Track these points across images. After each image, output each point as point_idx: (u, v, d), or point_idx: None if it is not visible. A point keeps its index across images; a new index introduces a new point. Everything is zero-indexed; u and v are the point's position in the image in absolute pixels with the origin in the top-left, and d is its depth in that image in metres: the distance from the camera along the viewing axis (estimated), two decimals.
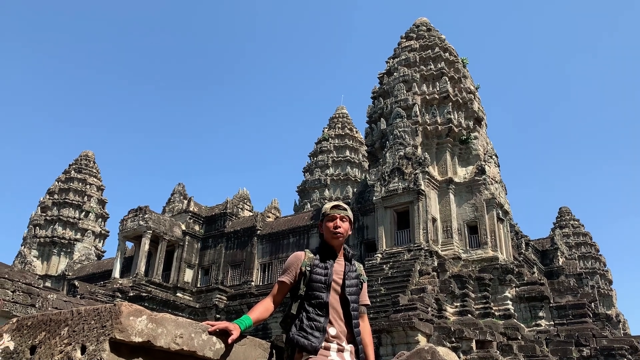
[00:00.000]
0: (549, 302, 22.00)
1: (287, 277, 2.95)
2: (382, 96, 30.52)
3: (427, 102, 28.84)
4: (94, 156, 47.30)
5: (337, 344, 2.79)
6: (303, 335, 2.74)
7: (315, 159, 44.49)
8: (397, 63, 30.93)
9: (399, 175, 26.14)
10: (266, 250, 32.28)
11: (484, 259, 24.37)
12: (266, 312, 2.86)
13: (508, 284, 22.37)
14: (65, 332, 2.29)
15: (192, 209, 35.09)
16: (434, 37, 31.68)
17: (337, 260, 3.03)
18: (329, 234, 3.04)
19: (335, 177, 42.60)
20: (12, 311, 14.78)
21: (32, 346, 2.35)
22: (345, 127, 45.98)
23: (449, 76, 29.27)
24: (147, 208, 32.97)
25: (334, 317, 2.85)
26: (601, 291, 43.55)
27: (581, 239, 47.91)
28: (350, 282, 2.96)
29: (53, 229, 41.89)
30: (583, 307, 21.57)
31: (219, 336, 2.53)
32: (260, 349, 2.79)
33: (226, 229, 34.05)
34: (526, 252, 31.33)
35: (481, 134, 29.08)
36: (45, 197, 43.87)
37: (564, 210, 51.16)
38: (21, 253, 41.06)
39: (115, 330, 2.16)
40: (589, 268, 45.17)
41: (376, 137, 29.14)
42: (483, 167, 26.60)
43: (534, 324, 21.56)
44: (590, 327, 20.59)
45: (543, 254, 35.18)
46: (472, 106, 28.76)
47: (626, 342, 19.68)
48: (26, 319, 2.51)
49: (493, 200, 25.79)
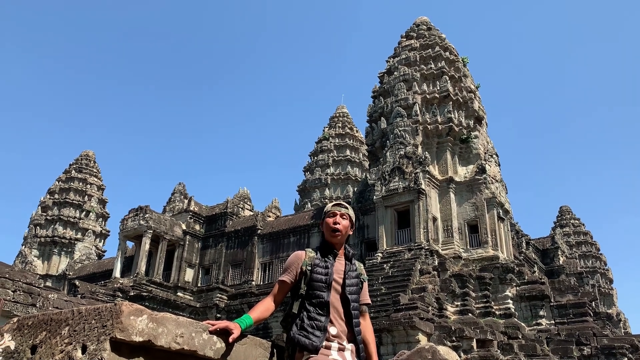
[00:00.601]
0: (549, 301, 22.00)
1: (288, 276, 2.95)
2: (382, 95, 30.51)
3: (428, 101, 28.83)
4: (94, 156, 47.31)
5: (338, 343, 2.79)
6: (304, 334, 2.74)
7: (315, 158, 44.49)
8: (397, 62, 30.92)
9: (399, 174, 26.13)
10: (267, 250, 32.29)
11: (484, 258, 24.36)
12: (267, 311, 2.86)
13: (509, 283, 22.37)
14: (66, 332, 2.29)
15: (192, 209, 35.10)
16: (434, 36, 31.66)
17: (338, 259, 3.03)
18: (328, 231, 3.04)
19: (335, 177, 42.59)
20: (13, 311, 14.79)
21: (33, 346, 2.35)
22: (346, 126, 45.97)
23: (449, 75, 29.26)
24: (148, 208, 32.98)
25: (334, 317, 2.85)
26: (602, 290, 43.55)
27: (582, 237, 47.89)
28: (350, 282, 2.96)
29: (54, 228, 41.91)
30: (584, 306, 21.57)
31: (219, 335, 2.53)
32: (261, 348, 2.78)
33: (227, 228, 34.06)
34: (527, 251, 31.32)
35: (482, 133, 29.07)
36: (46, 197, 43.88)
37: (564, 209, 51.14)
38: (22, 253, 41.08)
39: (116, 330, 2.15)
40: (590, 267, 45.16)
41: (376, 137, 29.13)
42: (483, 166, 26.59)
43: (534, 323, 21.55)
44: (591, 326, 20.59)
45: (543, 253, 35.17)
46: (472, 105, 28.75)
47: (627, 341, 19.67)
48: (27, 318, 2.50)
49: (493, 200, 25.77)
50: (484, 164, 26.78)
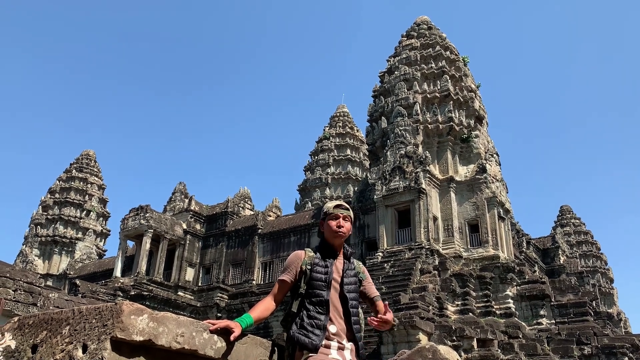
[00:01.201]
0: (550, 301, 21.99)
1: (288, 275, 2.95)
2: (383, 95, 30.50)
3: (428, 101, 28.81)
4: (95, 155, 47.32)
5: (338, 341, 2.80)
6: (304, 333, 2.75)
7: (316, 157, 44.48)
8: (398, 62, 30.91)
9: (400, 173, 26.12)
10: (267, 249, 32.30)
11: (485, 258, 24.36)
12: (267, 310, 2.87)
13: (509, 283, 22.37)
14: (66, 331, 2.29)
15: (193, 208, 35.11)
16: (434, 36, 31.65)
17: (337, 258, 3.04)
18: (331, 233, 3.05)
19: (336, 176, 42.58)
20: (14, 310, 14.79)
21: (34, 345, 2.35)
22: (346, 125, 45.96)
23: (449, 75, 29.24)
24: (149, 207, 32.99)
25: (334, 315, 2.85)
26: (602, 289, 43.55)
27: (582, 237, 47.88)
28: (348, 280, 2.97)
29: (54, 228, 41.93)
30: (584, 305, 21.57)
31: (220, 335, 2.53)
32: (262, 348, 2.79)
33: (227, 227, 34.07)
34: (527, 251, 31.31)
35: (482, 133, 29.05)
36: (47, 196, 43.90)
37: (565, 209, 51.12)
38: (23, 252, 41.12)
39: (117, 329, 2.16)
40: (590, 266, 45.16)
41: (377, 136, 29.13)
42: (484, 165, 26.57)
43: (535, 323, 21.55)
44: (591, 325, 20.58)
45: (544, 252, 35.15)
46: (473, 105, 28.73)
47: (627, 341, 19.66)
48: (27, 317, 2.51)
49: (494, 199, 25.77)
50: (485, 163, 26.77)
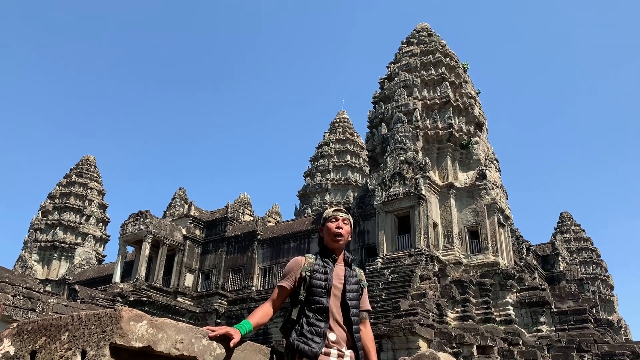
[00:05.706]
0: (550, 308, 21.94)
1: (287, 282, 2.94)
2: (383, 101, 30.55)
3: (428, 107, 28.86)
4: (95, 160, 47.34)
5: (337, 349, 2.78)
6: (303, 340, 2.73)
7: (316, 163, 44.51)
8: (398, 68, 30.99)
9: (399, 180, 26.13)
10: (267, 255, 32.24)
11: (485, 264, 24.32)
12: (266, 316, 2.85)
13: (509, 289, 22.32)
14: (65, 337, 2.28)
15: (192, 214, 35.09)
16: (434, 42, 31.75)
17: (338, 264, 3.02)
18: (330, 236, 3.04)
19: (336, 182, 42.59)
20: (13, 315, 14.74)
21: (33, 351, 2.35)
22: (346, 131, 46.03)
23: (449, 81, 29.31)
24: (148, 212, 32.96)
25: (334, 323, 2.84)
26: (602, 297, 43.45)
27: (582, 244, 47.82)
28: (350, 287, 2.95)
29: (54, 233, 41.88)
30: (584, 312, 21.52)
31: (219, 341, 2.52)
32: (261, 355, 2.78)
33: (227, 233, 34.03)
34: (527, 258, 31.25)
35: (482, 139, 29.08)
36: (46, 202, 43.88)
37: (565, 216, 51.10)
38: (22, 257, 41.04)
39: (116, 335, 2.15)
40: (590, 273, 45.08)
41: (377, 142, 29.15)
42: (484, 172, 26.58)
43: (535, 330, 21.49)
44: (591, 332, 20.52)
45: (544, 259, 35.08)
46: (472, 111, 28.78)
47: (628, 348, 19.59)
48: (26, 323, 2.50)
49: (494, 205, 25.75)
50: (485, 169, 26.77)
